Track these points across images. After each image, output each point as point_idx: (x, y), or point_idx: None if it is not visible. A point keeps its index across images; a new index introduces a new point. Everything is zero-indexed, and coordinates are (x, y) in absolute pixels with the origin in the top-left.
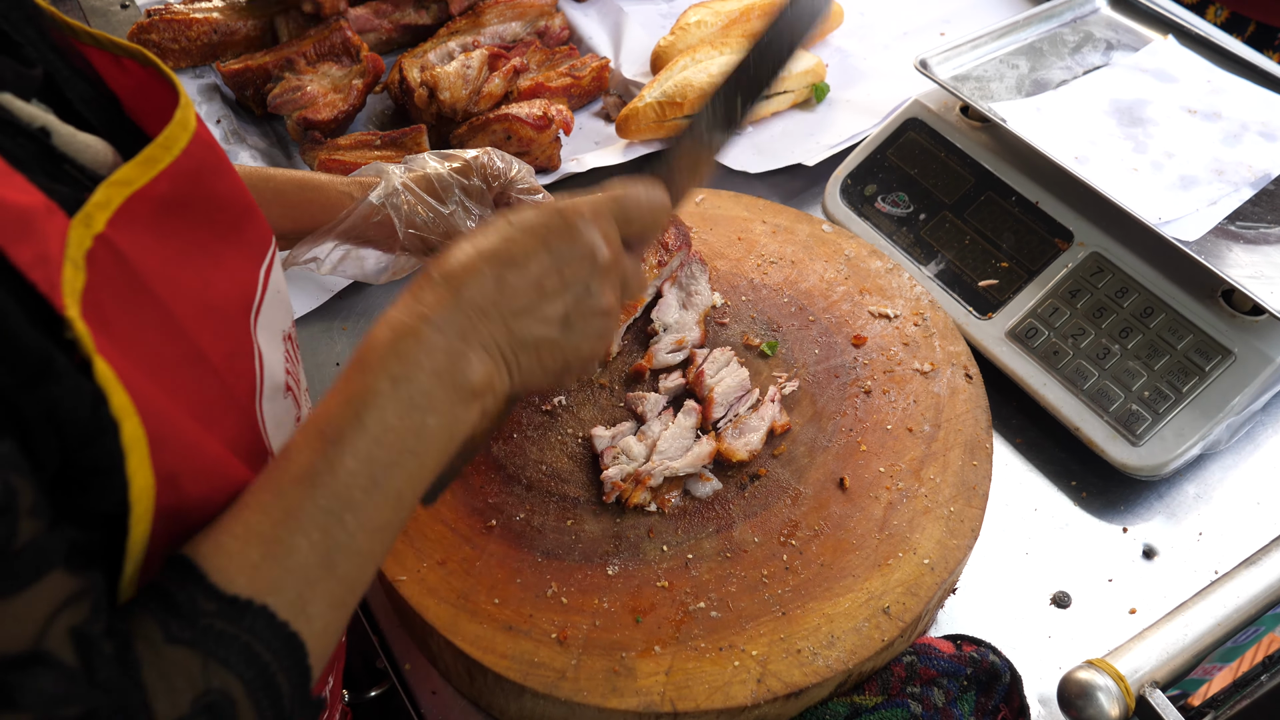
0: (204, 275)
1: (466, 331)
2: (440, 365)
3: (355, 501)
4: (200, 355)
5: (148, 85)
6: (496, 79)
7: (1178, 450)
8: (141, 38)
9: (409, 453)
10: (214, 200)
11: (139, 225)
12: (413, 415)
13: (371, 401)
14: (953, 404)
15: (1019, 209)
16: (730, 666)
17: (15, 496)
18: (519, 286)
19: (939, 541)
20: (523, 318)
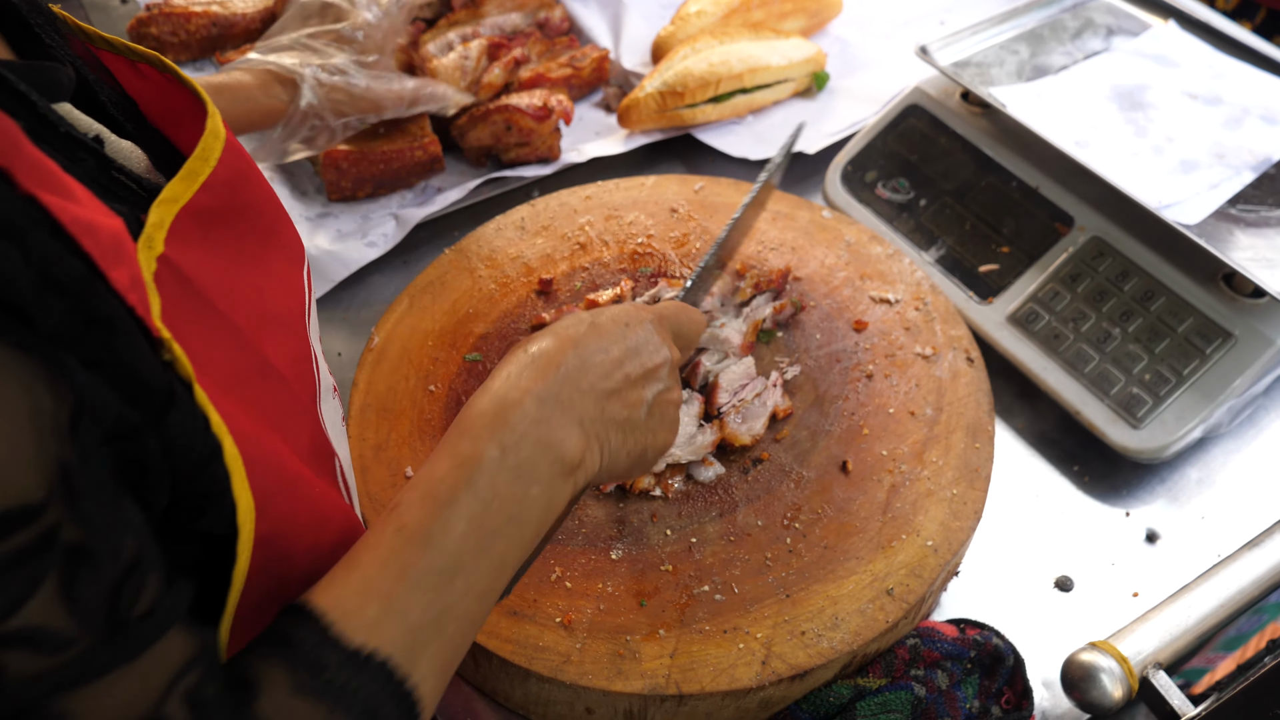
0: (256, 284)
1: (565, 406)
2: (543, 437)
3: (465, 565)
4: (268, 365)
5: (167, 91)
6: (496, 69)
7: (1179, 433)
8: (141, 31)
9: (513, 520)
10: (251, 207)
11: (190, 241)
12: (518, 484)
13: (482, 467)
14: (954, 387)
15: (1019, 194)
16: (735, 649)
17: (140, 558)
18: (608, 369)
19: (942, 523)
20: (612, 399)
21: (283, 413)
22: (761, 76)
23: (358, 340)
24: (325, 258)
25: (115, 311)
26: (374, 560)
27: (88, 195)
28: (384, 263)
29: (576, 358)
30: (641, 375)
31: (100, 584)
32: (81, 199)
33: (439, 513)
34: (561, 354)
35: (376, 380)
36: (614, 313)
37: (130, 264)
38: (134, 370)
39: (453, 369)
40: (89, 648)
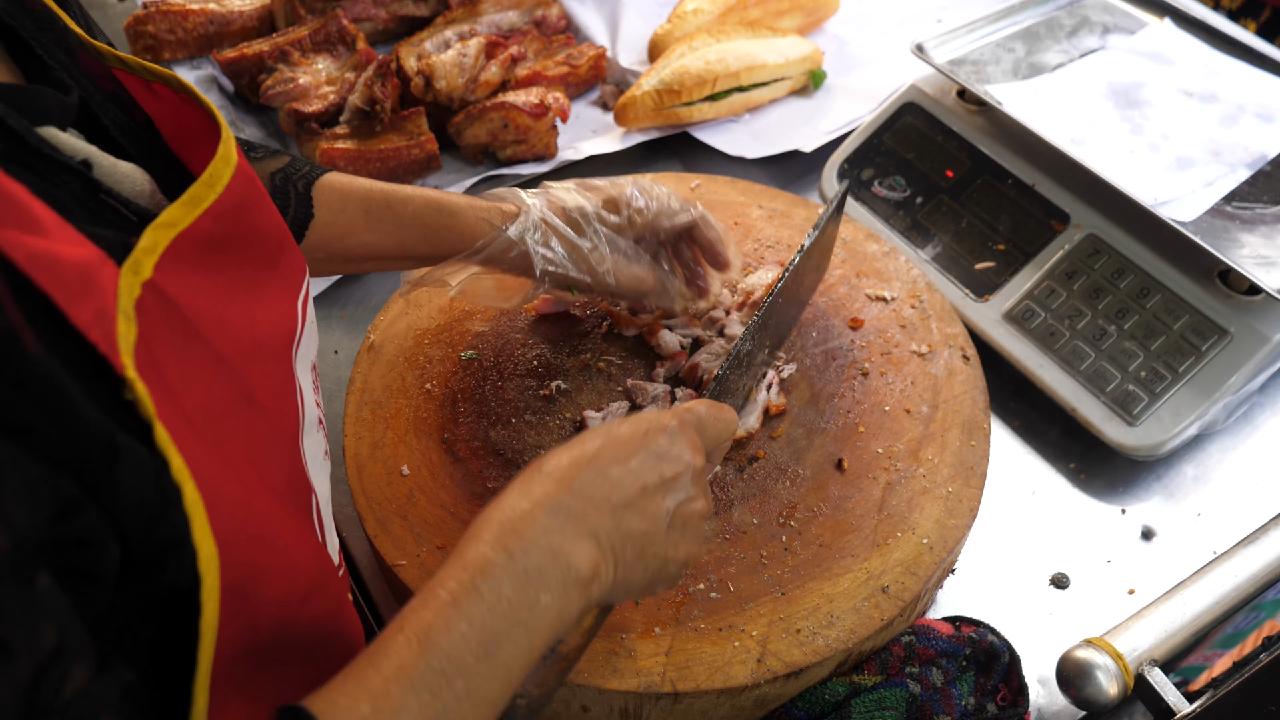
0: (249, 312)
1: (578, 519)
2: (555, 545)
3: (466, 667)
4: (250, 396)
5: (182, 112)
6: (493, 67)
7: (1174, 430)
8: (138, 29)
9: (520, 625)
10: (254, 234)
11: (185, 266)
12: (527, 589)
13: (489, 570)
14: (950, 385)
15: (1015, 191)
16: (730, 647)
17: (62, 646)
18: (624, 482)
19: (937, 521)
20: (628, 511)
21: (260, 446)
22: (758, 75)
23: (354, 338)
24: None
25: (52, 368)
26: (371, 661)
27: (58, 223)
28: None
29: (592, 471)
30: (660, 485)
31: (15, 676)
32: (50, 229)
33: (441, 612)
34: (576, 468)
35: (373, 379)
36: (637, 422)
37: (98, 296)
38: (72, 428)
39: (449, 367)
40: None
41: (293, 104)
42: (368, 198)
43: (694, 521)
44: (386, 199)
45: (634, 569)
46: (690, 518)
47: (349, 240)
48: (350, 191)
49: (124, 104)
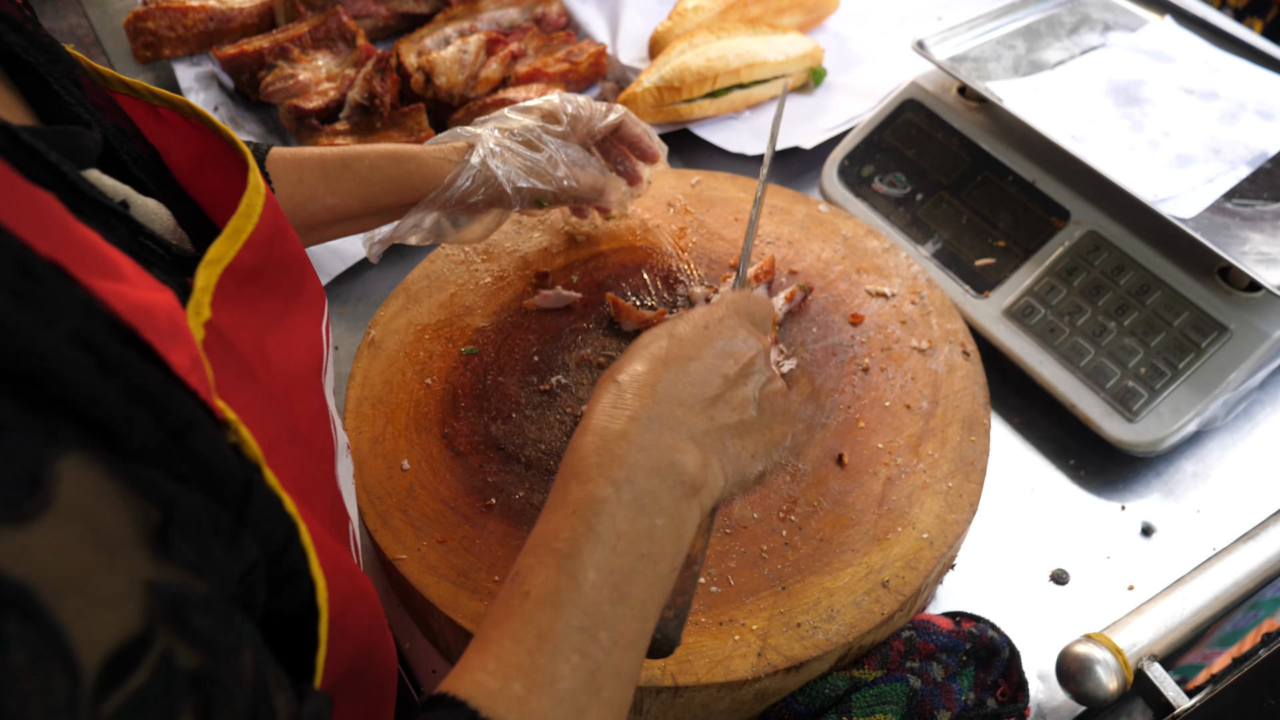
0: (283, 342)
1: (672, 425)
2: (657, 462)
3: (605, 616)
4: (296, 429)
5: (190, 138)
6: (494, 64)
7: (1174, 426)
8: (138, 26)
9: (644, 558)
10: (283, 262)
11: (231, 302)
12: (641, 518)
13: (599, 509)
14: (950, 381)
15: (1016, 188)
16: (730, 640)
17: (262, 674)
18: (705, 377)
19: (938, 516)
20: (718, 404)
21: (308, 478)
22: (758, 72)
23: (354, 334)
24: (322, 251)
25: (194, 413)
26: (505, 634)
27: (134, 269)
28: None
29: (670, 373)
30: (739, 373)
31: (234, 709)
32: (130, 275)
33: (563, 566)
34: (654, 374)
35: (373, 374)
36: (692, 318)
37: (188, 342)
38: (215, 468)
39: (449, 362)
40: None
41: (293, 100)
42: (323, 161)
43: (779, 400)
44: (341, 159)
45: (741, 461)
46: (775, 397)
47: (312, 206)
48: (304, 159)
49: (131, 136)
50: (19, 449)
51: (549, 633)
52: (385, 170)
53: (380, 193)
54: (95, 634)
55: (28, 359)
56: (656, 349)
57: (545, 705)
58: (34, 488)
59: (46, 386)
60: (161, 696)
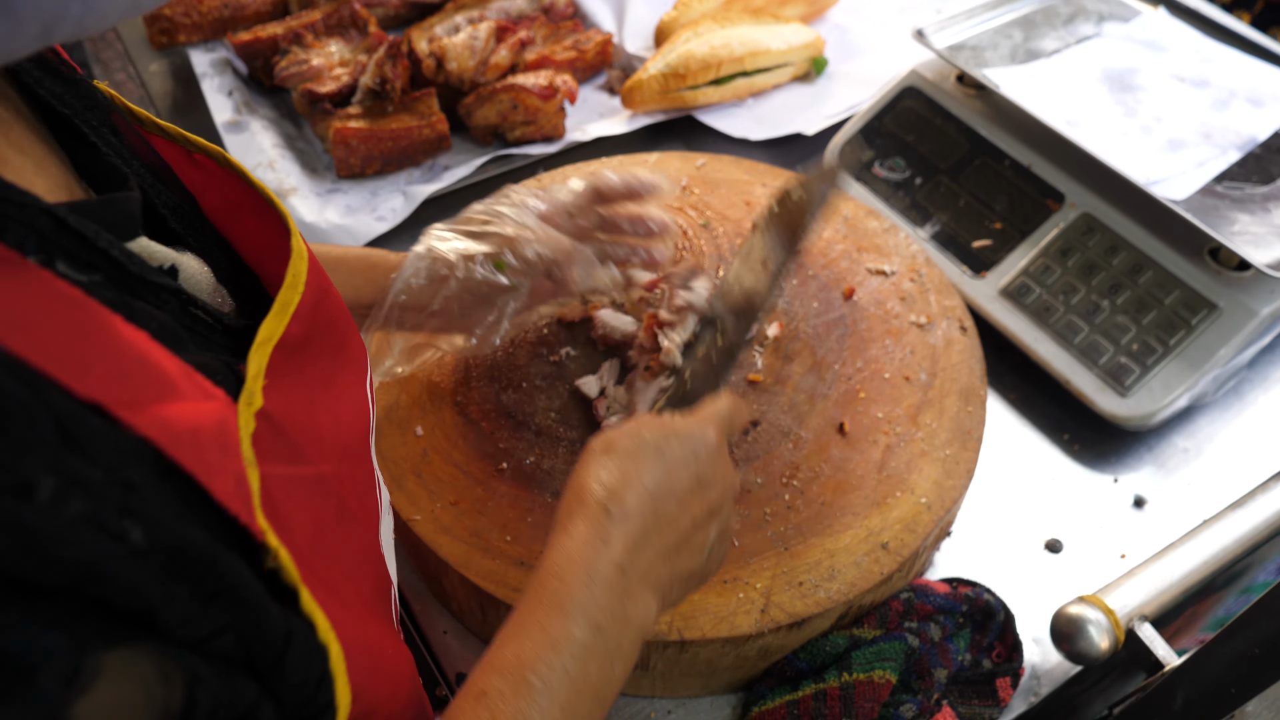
0: (332, 412)
1: (645, 577)
2: (630, 614)
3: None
4: (344, 507)
5: (225, 184)
6: (503, 51)
7: (1165, 400)
8: (155, 12)
9: (598, 701)
10: (328, 325)
11: (280, 381)
12: (605, 665)
13: (576, 653)
14: (948, 354)
15: (1012, 172)
16: (735, 598)
17: None
18: (678, 520)
19: (935, 482)
20: (680, 552)
21: (353, 557)
22: (762, 60)
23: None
24: (335, 231)
25: (239, 576)
26: None
27: (184, 372)
28: (392, 237)
29: (655, 512)
30: (706, 516)
31: None
32: (178, 383)
33: (534, 702)
34: (641, 510)
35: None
36: (683, 440)
37: (234, 457)
38: (254, 629)
39: None
40: None
41: (307, 85)
42: None
43: (727, 541)
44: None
45: (674, 599)
46: (725, 536)
47: None
48: None
49: (167, 181)
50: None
51: None
52: (350, 262)
53: (342, 282)
54: None
55: (69, 567)
56: (649, 478)
57: None
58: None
59: (86, 589)
60: None
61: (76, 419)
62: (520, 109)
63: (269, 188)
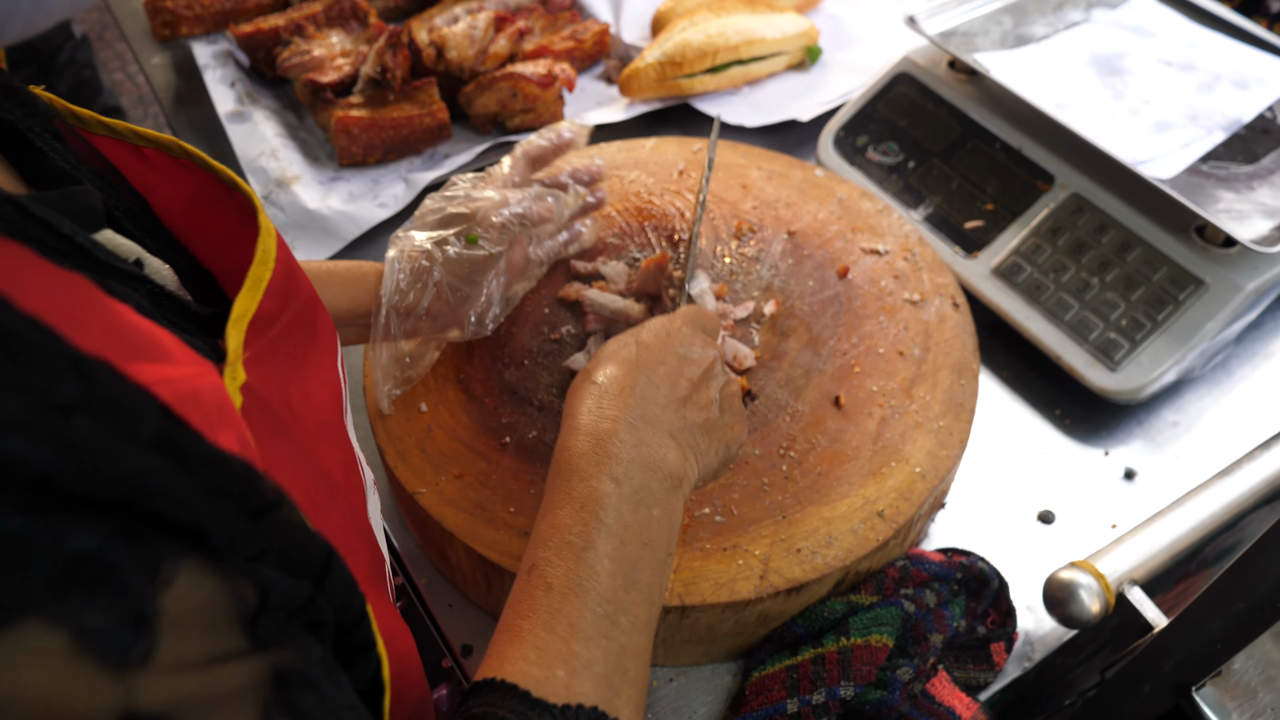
0: (306, 389)
1: (653, 424)
2: (646, 458)
3: (622, 602)
4: (332, 483)
5: (178, 177)
6: (502, 40)
7: (1154, 374)
8: (157, 5)
9: (646, 546)
10: (296, 303)
11: (257, 358)
12: (640, 510)
13: (604, 503)
14: (941, 330)
15: (1003, 154)
16: (735, 565)
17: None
18: (673, 380)
19: (929, 452)
20: (688, 405)
21: (348, 532)
22: (757, 49)
23: None
24: (338, 217)
25: (271, 493)
26: (538, 624)
27: (174, 341)
28: (394, 223)
29: (643, 376)
30: (702, 376)
31: None
32: (172, 350)
33: (581, 558)
34: (629, 376)
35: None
36: (653, 327)
37: (234, 421)
38: (297, 545)
39: None
40: None
41: (309, 75)
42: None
43: (736, 402)
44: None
45: (708, 456)
46: (732, 399)
47: None
48: None
49: (116, 185)
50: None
51: (578, 621)
52: (340, 273)
53: (335, 293)
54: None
55: (119, 483)
56: (627, 354)
57: (587, 688)
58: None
59: (138, 505)
60: None
61: (89, 364)
62: (519, 97)
63: (271, 175)
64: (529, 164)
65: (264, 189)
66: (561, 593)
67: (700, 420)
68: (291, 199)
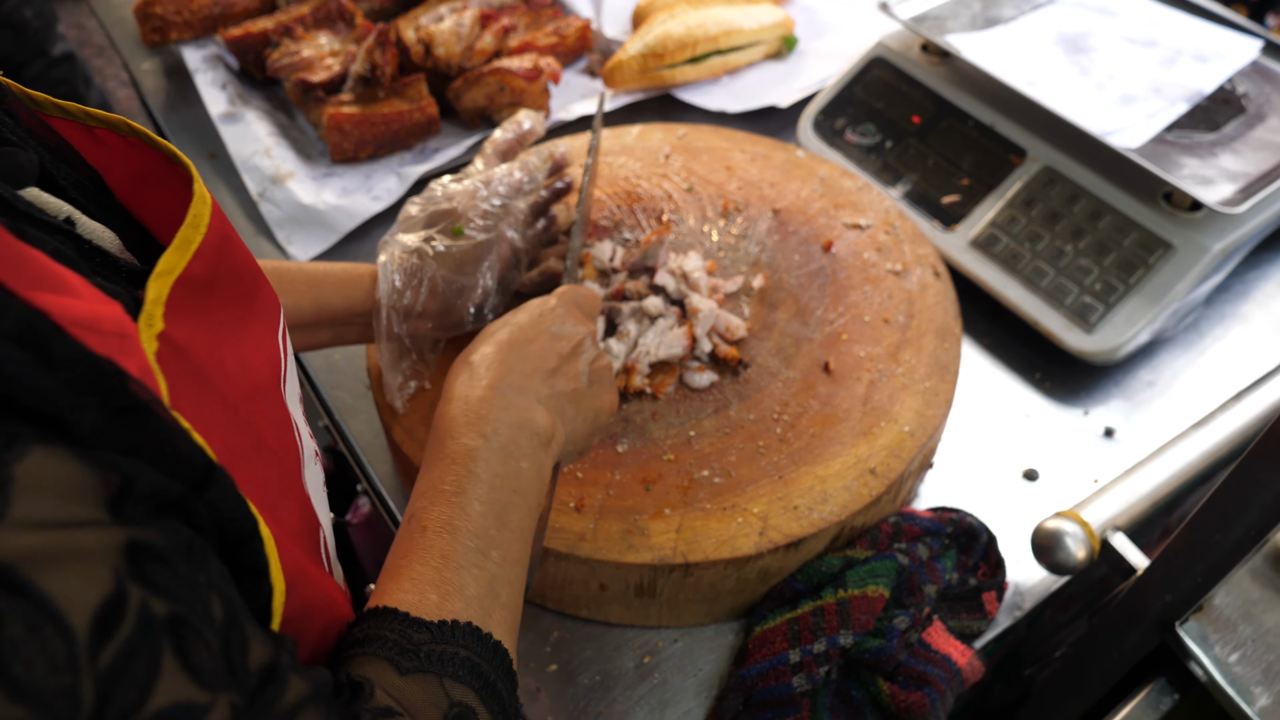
0: (240, 353)
1: (522, 390)
2: (515, 418)
3: (493, 538)
4: (259, 439)
5: (129, 157)
6: (488, 37)
7: (1128, 334)
8: (147, 11)
9: (516, 493)
10: (234, 272)
11: (184, 314)
12: (509, 462)
13: (475, 456)
14: (923, 298)
15: (976, 131)
16: (734, 523)
17: (233, 613)
18: (543, 354)
19: (917, 412)
20: (556, 376)
21: (274, 489)
22: (735, 39)
23: None
24: (332, 211)
25: (143, 398)
26: (413, 560)
27: (81, 283)
28: (388, 216)
29: (515, 352)
30: (571, 350)
31: (209, 647)
32: (77, 288)
33: (452, 502)
34: (501, 353)
35: None
36: (528, 309)
37: (137, 353)
38: (171, 449)
39: None
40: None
41: (300, 74)
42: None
43: (606, 374)
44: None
45: (575, 422)
46: (602, 372)
47: None
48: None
49: (69, 159)
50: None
51: (450, 554)
52: (336, 274)
53: (331, 293)
54: (78, 598)
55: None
56: (501, 335)
57: (458, 608)
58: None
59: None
60: (146, 641)
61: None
62: (507, 91)
63: (266, 172)
64: (499, 159)
65: (259, 186)
66: (434, 532)
67: (569, 389)
68: (286, 195)
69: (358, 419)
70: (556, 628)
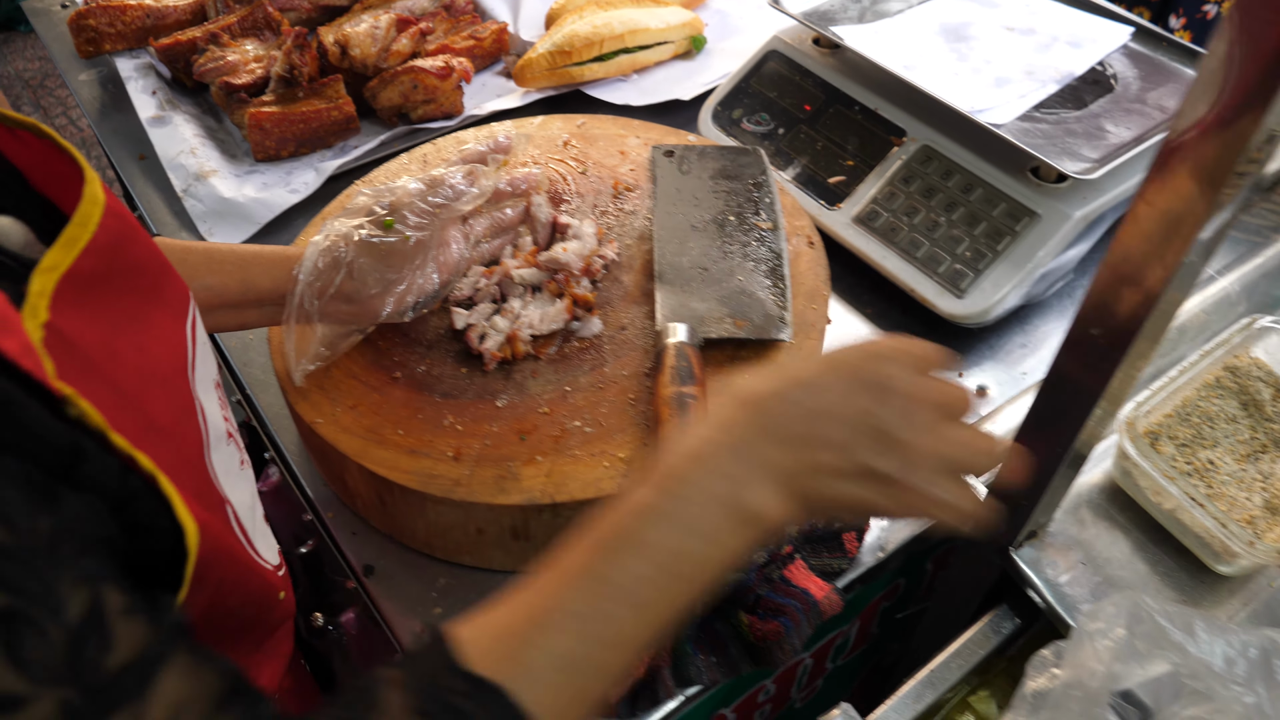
0: (138, 343)
1: (758, 456)
2: (720, 491)
3: (609, 614)
4: (152, 424)
5: (47, 157)
6: (404, 39)
7: (995, 298)
8: (80, 24)
9: (671, 575)
10: (134, 267)
11: (73, 306)
12: (688, 540)
13: (649, 517)
14: (797, 264)
15: (861, 116)
16: (601, 467)
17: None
18: (826, 413)
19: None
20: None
21: (170, 472)
22: (641, 38)
23: None
24: (252, 204)
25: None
26: (521, 599)
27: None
28: (306, 208)
29: (788, 403)
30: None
31: (47, 640)
32: None
33: (597, 554)
34: (772, 398)
35: None
36: (848, 353)
37: (18, 333)
38: (32, 434)
39: None
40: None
41: (224, 78)
42: (208, 248)
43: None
44: (229, 247)
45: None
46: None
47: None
48: (190, 246)
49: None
50: None
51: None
52: (265, 256)
53: (259, 274)
54: None
55: None
56: (796, 371)
57: (518, 671)
58: None
59: None
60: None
61: None
62: (420, 89)
63: (190, 170)
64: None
65: (183, 183)
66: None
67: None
68: (209, 190)
69: (268, 392)
70: (443, 575)
